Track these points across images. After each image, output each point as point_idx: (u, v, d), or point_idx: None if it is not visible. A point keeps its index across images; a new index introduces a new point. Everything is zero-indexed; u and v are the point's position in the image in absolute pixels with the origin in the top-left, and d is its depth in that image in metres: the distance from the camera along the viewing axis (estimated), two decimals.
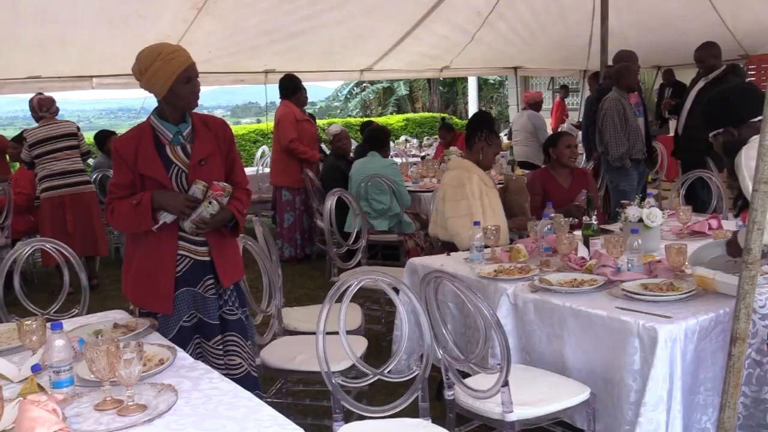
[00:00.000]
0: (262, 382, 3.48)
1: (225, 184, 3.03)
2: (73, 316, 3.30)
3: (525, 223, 4.26)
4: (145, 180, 2.96)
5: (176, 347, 2.53)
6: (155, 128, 3.01)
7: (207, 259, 3.09)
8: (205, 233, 3.04)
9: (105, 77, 8.62)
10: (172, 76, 2.88)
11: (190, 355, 2.80)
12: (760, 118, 2.72)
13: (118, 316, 3.07)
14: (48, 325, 2.26)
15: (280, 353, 3.47)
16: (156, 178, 2.96)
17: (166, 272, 3.01)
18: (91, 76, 8.47)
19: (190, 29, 7.55)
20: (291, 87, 7.38)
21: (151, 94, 3.00)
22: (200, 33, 7.63)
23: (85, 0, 6.59)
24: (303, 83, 7.51)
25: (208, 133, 3.07)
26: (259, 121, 18.78)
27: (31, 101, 6.75)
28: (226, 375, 2.49)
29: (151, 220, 2.93)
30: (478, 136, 4.29)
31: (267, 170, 8.82)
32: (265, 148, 10.82)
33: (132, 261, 3.07)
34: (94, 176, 7.68)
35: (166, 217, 2.94)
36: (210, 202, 2.94)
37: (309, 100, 7.97)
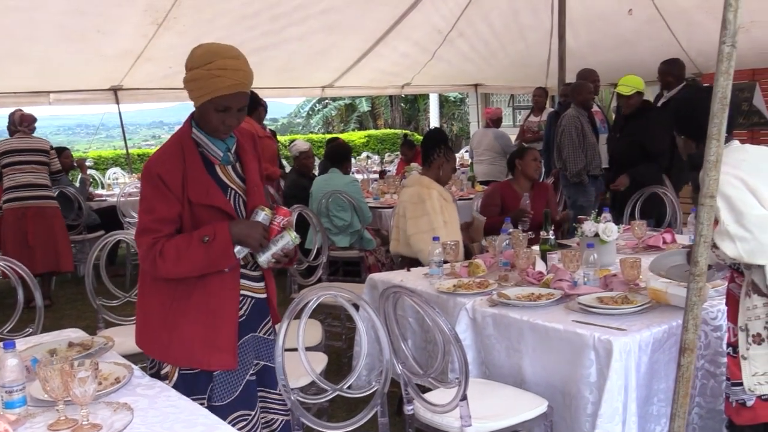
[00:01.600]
0: None
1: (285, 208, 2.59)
2: (27, 335, 3.24)
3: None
4: (196, 210, 2.41)
5: (132, 365, 2.50)
6: (200, 144, 2.46)
7: (264, 296, 2.65)
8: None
9: (62, 93, 8.54)
10: (206, 95, 2.36)
11: (255, 415, 2.56)
12: None
13: (73, 334, 3.02)
14: (0, 344, 2.22)
15: None
16: (218, 207, 2.44)
17: (229, 319, 2.48)
18: (48, 92, 8.39)
19: (150, 44, 7.52)
20: (250, 103, 7.35)
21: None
22: (160, 48, 7.60)
23: (42, 15, 6.52)
24: (264, 99, 7.51)
25: (248, 148, 2.62)
26: None
27: (12, 115, 6.79)
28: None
29: (233, 257, 2.40)
30: (437, 152, 4.34)
31: None
32: None
33: (169, 313, 2.46)
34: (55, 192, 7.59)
35: (239, 252, 2.44)
36: (290, 231, 2.49)
37: (271, 116, 7.96)
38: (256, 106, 7.36)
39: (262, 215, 2.46)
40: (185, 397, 2.27)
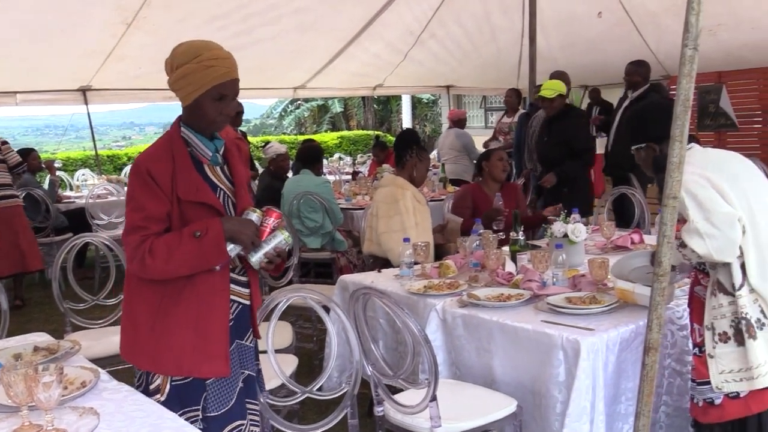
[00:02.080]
0: None
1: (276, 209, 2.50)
2: None
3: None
4: (185, 208, 2.33)
5: (99, 369, 2.47)
6: (190, 143, 2.40)
7: (249, 303, 2.54)
8: (247, 270, 2.52)
9: (30, 93, 8.42)
10: (202, 87, 2.31)
11: (247, 426, 2.50)
12: None
13: (39, 339, 2.97)
14: None
15: None
16: (208, 204, 2.36)
17: (219, 325, 2.39)
18: (15, 92, 8.26)
19: (120, 44, 7.44)
20: None
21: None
22: (130, 48, 7.52)
23: (8, 14, 6.43)
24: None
25: (234, 151, 2.57)
26: None
27: None
28: None
29: (226, 253, 2.31)
30: (409, 153, 4.36)
31: None
32: None
33: (156, 320, 2.36)
34: (21, 194, 7.48)
35: (232, 251, 2.35)
36: (282, 231, 2.42)
37: (243, 117, 7.92)
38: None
39: (254, 216, 2.39)
40: (152, 400, 2.25)
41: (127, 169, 11.63)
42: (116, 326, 4.02)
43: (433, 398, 2.61)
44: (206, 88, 2.31)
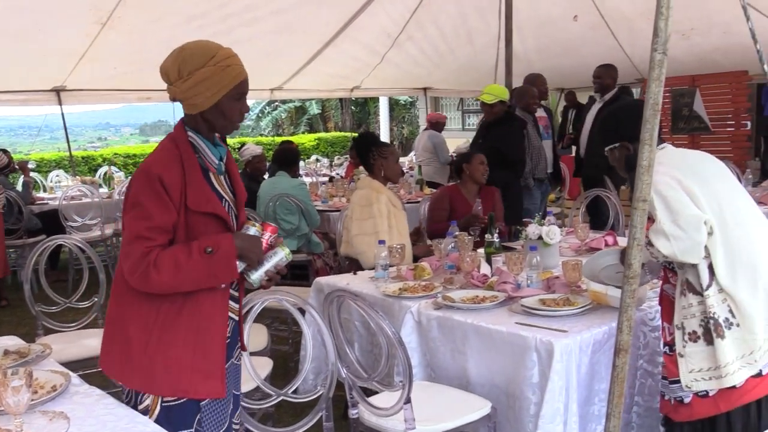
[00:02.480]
0: None
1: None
2: None
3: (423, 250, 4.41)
4: (191, 219, 2.18)
5: (70, 373, 2.45)
6: (198, 149, 2.25)
7: (238, 317, 2.45)
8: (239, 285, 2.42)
9: (3, 93, 8.31)
10: (224, 89, 2.20)
11: None
12: None
13: (10, 342, 2.93)
14: None
15: None
16: (217, 215, 2.23)
17: (218, 342, 2.28)
18: None
19: (94, 44, 7.37)
20: None
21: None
22: (104, 48, 7.45)
23: None
24: None
25: (233, 160, 2.45)
26: None
27: None
28: None
29: (237, 271, 2.20)
30: (372, 155, 4.35)
31: None
32: None
33: (152, 336, 2.19)
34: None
35: (238, 268, 2.24)
36: (283, 247, 2.31)
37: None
38: None
39: (253, 231, 2.27)
40: (124, 405, 2.23)
41: (102, 171, 11.53)
42: (89, 329, 4.00)
43: (408, 400, 2.61)
44: (228, 89, 2.20)
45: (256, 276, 2.27)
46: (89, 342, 3.83)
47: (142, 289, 2.15)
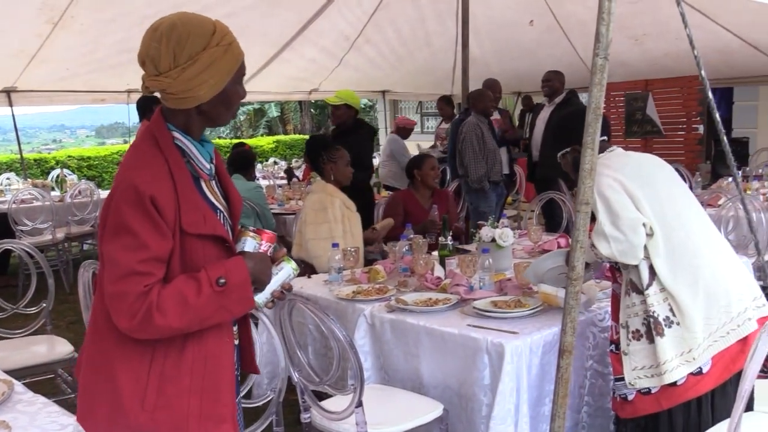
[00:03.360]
0: None
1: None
2: None
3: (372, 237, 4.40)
4: (187, 243, 1.79)
5: (14, 381, 2.39)
6: (187, 154, 1.85)
7: (237, 342, 2.06)
8: None
9: None
10: (230, 72, 1.81)
11: None
12: (604, 137, 2.93)
13: None
14: None
15: None
16: (217, 236, 1.85)
17: (228, 379, 1.92)
18: None
19: (45, 44, 7.22)
20: (145, 107, 7.22)
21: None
22: (56, 49, 7.30)
23: None
24: None
25: (220, 157, 2.07)
26: (126, 142, 18.20)
27: None
28: None
29: (253, 301, 1.85)
30: (321, 159, 4.36)
31: None
32: None
33: (150, 385, 1.79)
34: None
35: None
36: (288, 261, 1.94)
37: None
38: (151, 109, 7.21)
39: (250, 243, 1.91)
40: (68, 413, 2.19)
41: (54, 174, 11.30)
42: (37, 336, 3.92)
43: (359, 404, 2.61)
44: (233, 72, 1.83)
45: (262, 298, 1.90)
46: (37, 349, 3.76)
47: (141, 336, 1.74)
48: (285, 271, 1.91)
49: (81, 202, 7.93)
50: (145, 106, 7.21)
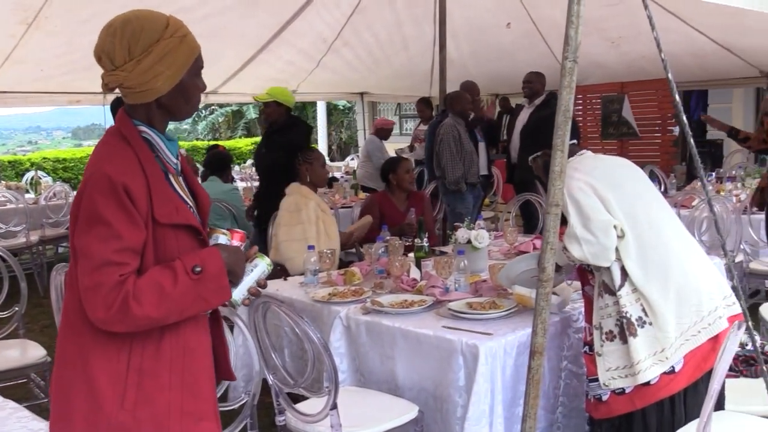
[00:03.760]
0: None
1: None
2: None
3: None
4: (159, 234, 1.79)
5: None
6: (155, 148, 1.86)
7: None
8: None
9: None
10: (185, 64, 1.83)
11: None
12: (574, 141, 2.95)
13: None
14: None
15: None
16: (189, 226, 1.85)
17: (207, 375, 1.91)
18: None
19: (20, 45, 7.14)
20: (118, 109, 7.16)
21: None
22: (31, 50, 7.22)
23: None
24: None
25: (181, 155, 2.06)
26: None
27: None
28: None
29: (229, 291, 1.83)
30: (297, 160, 4.34)
31: None
32: None
33: (130, 384, 1.75)
34: None
35: None
36: (262, 257, 1.94)
37: None
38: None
39: (223, 239, 1.91)
40: (39, 417, 2.17)
41: (28, 176, 11.17)
42: (9, 340, 3.88)
43: (334, 406, 2.60)
44: (189, 64, 1.84)
45: (238, 294, 1.88)
46: (9, 353, 3.72)
47: (118, 328, 1.70)
48: (260, 268, 1.91)
49: (56, 204, 7.85)
50: (118, 107, 7.15)
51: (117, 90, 1.84)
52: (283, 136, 5.42)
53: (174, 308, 1.73)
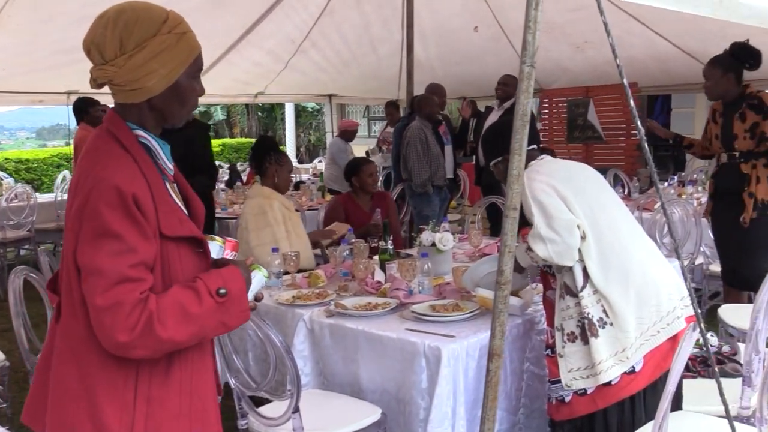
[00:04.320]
0: None
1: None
2: None
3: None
4: (167, 249, 1.66)
5: None
6: (154, 153, 1.73)
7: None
8: None
9: None
10: (183, 63, 1.68)
11: None
12: (534, 146, 2.99)
13: None
14: None
15: None
16: (195, 238, 1.73)
17: (212, 398, 1.82)
18: None
19: None
20: (81, 109, 7.08)
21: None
22: None
23: None
24: (111, 106, 7.19)
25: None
26: (68, 144, 17.78)
27: None
28: None
29: (248, 313, 1.73)
30: (268, 160, 4.32)
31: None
32: (66, 173, 10.24)
33: (138, 412, 1.63)
34: None
35: None
36: (259, 269, 1.83)
37: None
38: (87, 111, 7.07)
39: (216, 248, 1.80)
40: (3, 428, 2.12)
41: None
42: None
43: (296, 409, 2.60)
44: (187, 64, 1.70)
45: None
46: None
47: (137, 353, 1.56)
48: (258, 280, 1.81)
49: (17, 206, 7.73)
50: (81, 108, 7.08)
51: (107, 88, 1.70)
52: (176, 136, 5.37)
53: (196, 332, 1.61)
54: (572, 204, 2.72)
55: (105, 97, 7.46)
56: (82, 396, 1.60)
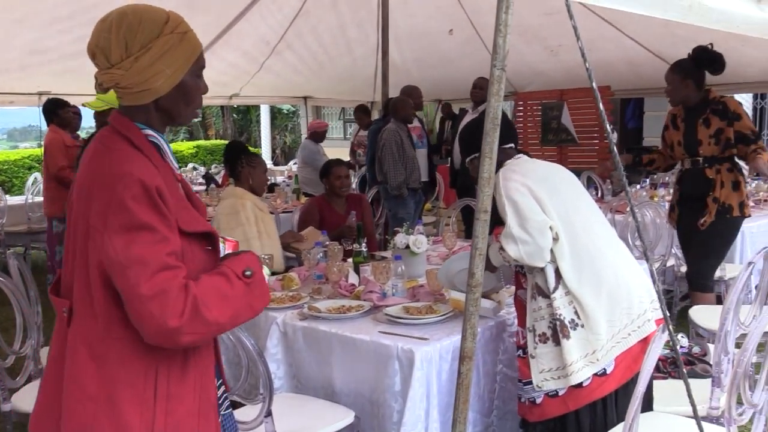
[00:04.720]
0: (15, 429, 3.22)
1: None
2: None
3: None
4: (185, 245, 1.68)
5: None
6: (163, 152, 1.75)
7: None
8: None
9: None
10: (187, 63, 1.70)
11: None
12: (511, 144, 3.00)
13: None
14: None
15: (35, 397, 3.22)
16: (210, 233, 1.75)
17: (214, 392, 1.81)
18: None
19: None
20: (51, 111, 7.00)
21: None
22: None
23: None
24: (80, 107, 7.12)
25: None
26: (40, 146, 17.56)
27: None
28: None
29: (269, 297, 1.81)
30: (240, 163, 4.31)
31: (39, 199, 8.25)
32: (37, 175, 10.10)
33: (158, 409, 1.63)
34: None
35: None
36: (263, 264, 1.85)
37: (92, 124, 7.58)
38: (56, 113, 6.99)
39: (222, 247, 1.82)
40: None
41: None
42: None
43: (269, 413, 2.59)
44: (190, 63, 1.71)
45: None
46: None
47: (185, 339, 1.56)
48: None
49: None
50: (51, 109, 6.99)
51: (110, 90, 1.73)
52: None
53: (234, 314, 1.64)
54: (546, 205, 2.73)
55: (75, 99, 7.39)
56: (100, 396, 1.60)
